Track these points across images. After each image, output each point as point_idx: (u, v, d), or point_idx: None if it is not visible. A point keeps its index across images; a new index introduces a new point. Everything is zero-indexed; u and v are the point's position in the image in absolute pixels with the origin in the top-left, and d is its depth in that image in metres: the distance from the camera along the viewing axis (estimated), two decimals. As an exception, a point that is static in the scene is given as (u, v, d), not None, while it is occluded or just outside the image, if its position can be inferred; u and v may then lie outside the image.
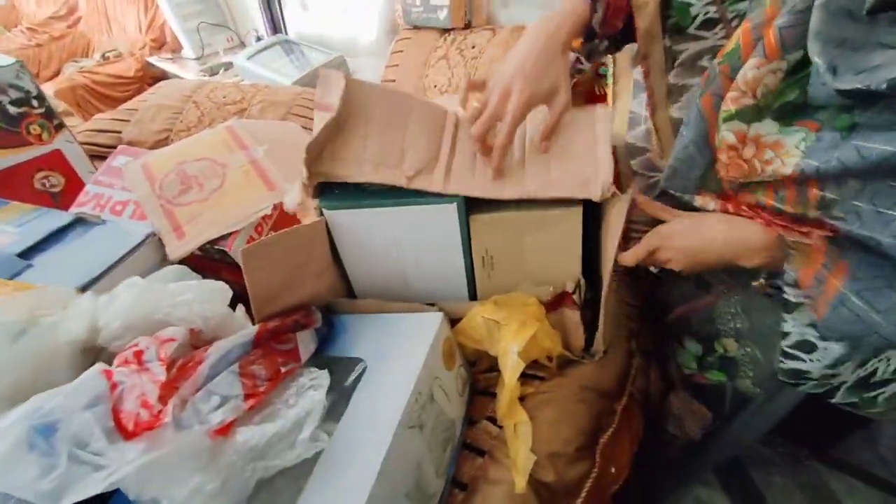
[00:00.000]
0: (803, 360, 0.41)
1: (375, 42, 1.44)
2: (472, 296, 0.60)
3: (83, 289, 0.47)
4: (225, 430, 0.35)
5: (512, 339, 0.49)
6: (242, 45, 1.95)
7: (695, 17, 0.46)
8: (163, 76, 1.93)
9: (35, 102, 0.71)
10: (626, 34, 0.53)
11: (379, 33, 1.43)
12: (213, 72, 1.79)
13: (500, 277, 0.56)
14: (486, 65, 1.03)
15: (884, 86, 0.28)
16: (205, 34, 1.88)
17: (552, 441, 0.46)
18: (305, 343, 0.45)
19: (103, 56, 1.95)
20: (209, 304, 0.42)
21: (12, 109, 0.69)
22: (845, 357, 0.39)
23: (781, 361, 0.43)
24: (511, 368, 0.47)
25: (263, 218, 0.58)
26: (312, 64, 1.45)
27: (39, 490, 0.30)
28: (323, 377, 0.40)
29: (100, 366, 0.37)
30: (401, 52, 1.20)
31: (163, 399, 0.34)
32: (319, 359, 0.46)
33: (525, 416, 0.43)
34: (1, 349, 0.37)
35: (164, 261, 0.54)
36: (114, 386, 0.35)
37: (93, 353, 0.43)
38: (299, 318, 0.47)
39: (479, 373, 0.57)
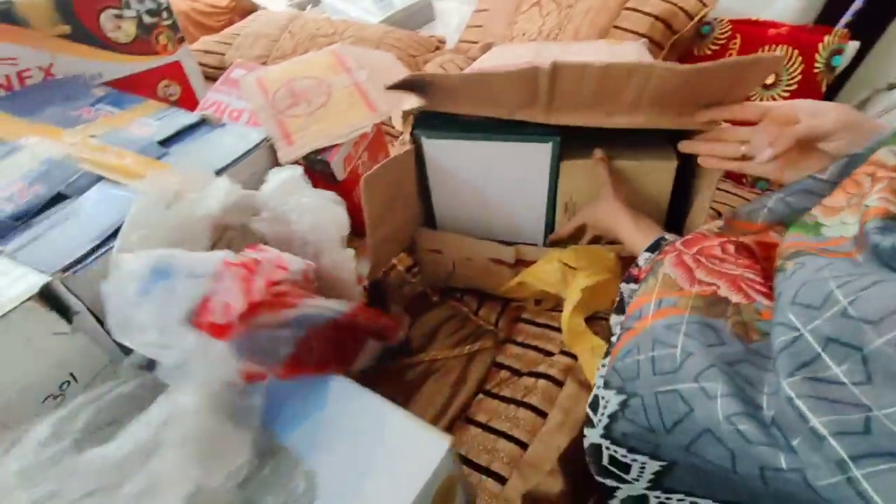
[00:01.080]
0: (593, 426, 0.33)
1: (464, -15, 1.42)
2: (544, 241, 0.62)
3: (211, 177, 0.54)
4: (250, 377, 0.35)
5: (583, 280, 0.51)
6: (331, -18, 1.98)
7: None
8: (253, 9, 2.00)
9: (164, 14, 0.78)
10: None
11: (470, -24, 1.40)
12: (301, 7, 1.83)
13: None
14: (580, 14, 1.00)
15: None
16: (296, -31, 1.92)
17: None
18: (367, 354, 0.45)
19: (201, -15, 2.04)
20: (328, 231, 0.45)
21: (147, 19, 0.76)
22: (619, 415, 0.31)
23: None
24: (572, 302, 0.50)
25: (362, 136, 0.62)
26: (400, 5, 1.46)
27: (117, 313, 0.33)
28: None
29: (226, 254, 0.37)
30: (492, -4, 1.17)
31: (242, 317, 0.34)
32: (278, 445, 0.35)
33: (598, 340, 0.46)
34: (157, 212, 0.44)
35: (275, 163, 0.60)
36: (219, 278, 0.35)
37: (220, 228, 0.50)
38: (384, 327, 0.46)
39: (545, 310, 0.61)
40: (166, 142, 0.58)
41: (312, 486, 0.33)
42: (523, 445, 0.44)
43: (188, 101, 0.85)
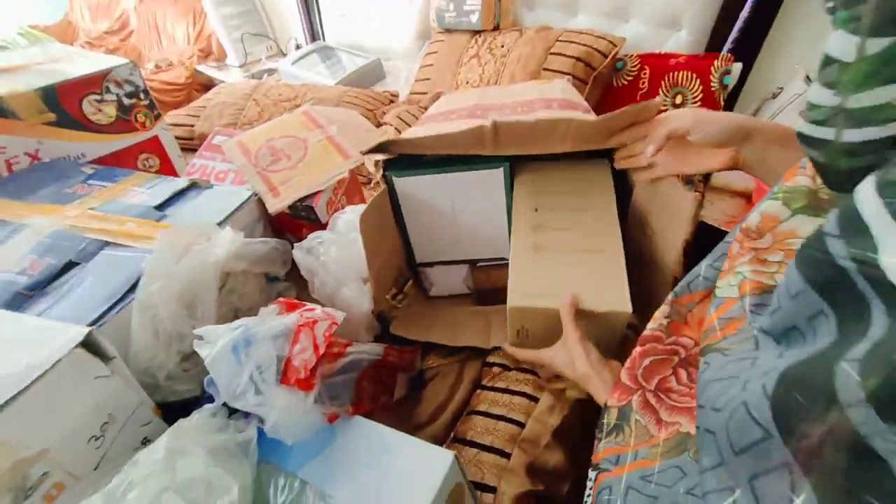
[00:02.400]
0: None
1: (408, 46, 1.57)
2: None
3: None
4: (332, 419, 0.41)
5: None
6: (281, 53, 2.11)
7: None
8: (209, 83, 2.10)
9: (142, 95, 0.85)
10: None
11: (411, 38, 1.56)
12: (258, 77, 1.95)
13: None
14: (513, 62, 1.15)
15: None
16: (247, 43, 2.05)
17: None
18: (401, 384, 0.54)
19: (156, 65, 2.13)
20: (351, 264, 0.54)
21: (126, 101, 0.83)
22: None
23: None
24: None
25: (339, 182, 0.70)
26: (351, 67, 1.59)
27: (225, 385, 0.38)
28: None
29: (295, 317, 0.42)
30: (435, 52, 1.32)
31: (313, 370, 0.39)
32: (287, 476, 0.39)
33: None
34: (171, 263, 0.49)
35: (263, 215, 0.67)
36: (295, 339, 0.41)
37: (224, 275, 0.55)
38: (406, 360, 0.55)
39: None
40: (162, 206, 0.63)
41: None
42: (520, 425, 0.50)
43: (167, 170, 0.91)
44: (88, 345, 0.39)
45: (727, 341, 0.29)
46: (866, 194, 0.19)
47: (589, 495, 0.36)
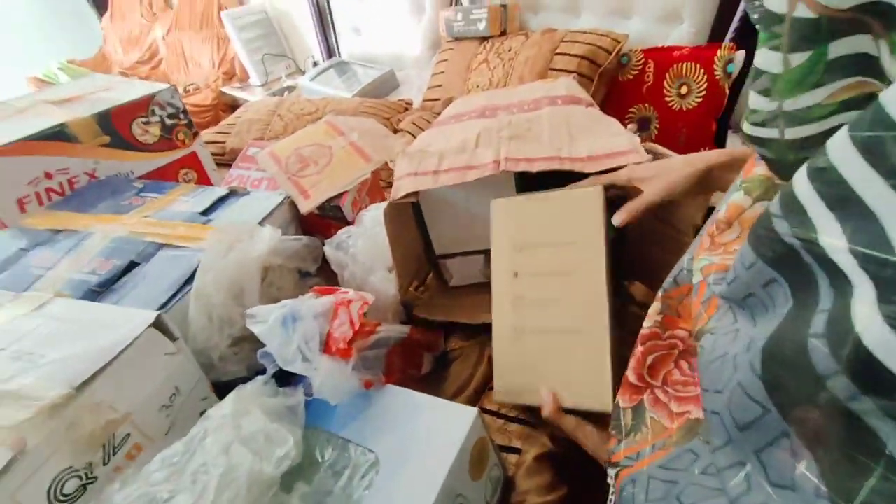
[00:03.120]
0: None
1: (419, 56, 1.65)
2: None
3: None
4: (368, 385, 0.47)
5: None
6: (300, 70, 2.22)
7: None
8: (234, 103, 2.22)
9: (182, 116, 0.93)
10: None
11: (422, 48, 1.63)
12: (277, 95, 2.05)
13: None
14: (521, 64, 1.20)
15: None
16: (268, 64, 2.17)
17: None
18: (427, 362, 0.59)
19: (185, 89, 2.27)
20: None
21: (168, 121, 0.91)
22: None
23: None
24: None
25: (362, 182, 0.76)
26: (366, 79, 1.68)
27: (278, 352, 0.45)
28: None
29: (335, 297, 0.48)
30: (445, 61, 1.39)
31: (350, 342, 0.45)
32: (331, 437, 0.44)
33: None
34: (220, 258, 0.56)
35: (296, 215, 0.73)
36: (335, 314, 0.47)
37: (265, 269, 0.62)
38: (431, 340, 0.60)
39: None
40: (206, 212, 0.71)
41: (375, 459, 0.42)
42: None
43: (204, 182, 0.99)
44: (158, 326, 0.45)
45: (713, 321, 0.31)
46: (799, 178, 0.21)
47: (613, 492, 0.38)
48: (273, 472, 0.37)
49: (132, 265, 0.61)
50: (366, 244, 0.61)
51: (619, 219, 0.50)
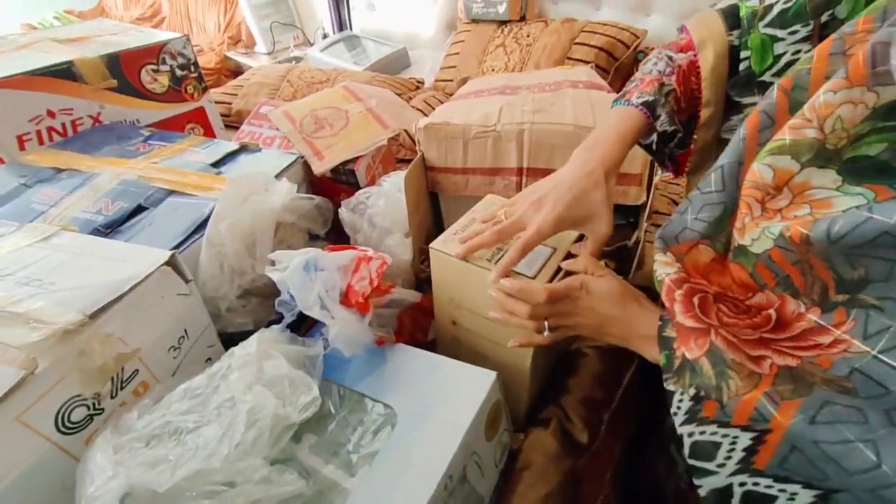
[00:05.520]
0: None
1: (434, 36, 1.63)
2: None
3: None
4: (379, 342, 0.47)
5: None
6: (308, 42, 2.18)
7: (778, 58, 0.38)
8: (238, 69, 2.17)
9: (192, 68, 0.91)
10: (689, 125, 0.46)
11: (437, 28, 1.61)
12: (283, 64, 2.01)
13: None
14: (538, 51, 1.20)
15: None
16: (276, 32, 2.11)
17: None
18: (433, 329, 0.58)
19: (187, 51, 2.21)
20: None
21: (178, 72, 0.88)
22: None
23: None
24: None
25: (378, 149, 0.75)
26: (376, 55, 1.65)
27: (299, 294, 0.44)
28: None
29: (357, 252, 0.48)
30: (461, 42, 1.37)
31: (368, 297, 0.45)
32: (345, 390, 0.44)
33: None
34: (236, 207, 0.55)
35: (309, 175, 0.72)
36: (356, 268, 0.46)
37: (277, 225, 0.60)
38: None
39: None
40: (216, 164, 0.69)
41: (392, 413, 0.41)
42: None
43: (210, 138, 0.97)
44: (173, 264, 0.44)
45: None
46: None
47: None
48: (296, 417, 0.36)
49: (139, 209, 0.59)
50: (386, 205, 0.60)
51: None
